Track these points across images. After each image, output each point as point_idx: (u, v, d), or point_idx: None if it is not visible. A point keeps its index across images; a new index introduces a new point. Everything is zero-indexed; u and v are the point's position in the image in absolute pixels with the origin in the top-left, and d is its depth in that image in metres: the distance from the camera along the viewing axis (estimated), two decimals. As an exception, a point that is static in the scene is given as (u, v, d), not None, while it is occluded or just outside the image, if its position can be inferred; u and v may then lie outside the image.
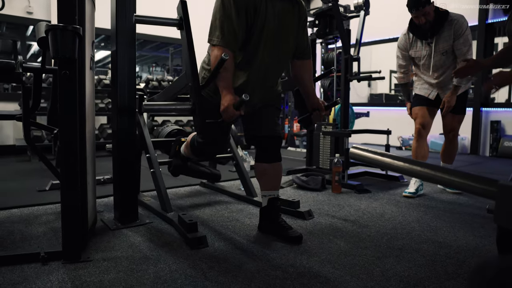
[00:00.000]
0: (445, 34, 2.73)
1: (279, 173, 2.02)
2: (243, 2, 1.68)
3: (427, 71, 2.89)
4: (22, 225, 2.05)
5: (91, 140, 1.88)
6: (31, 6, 5.06)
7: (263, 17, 1.73)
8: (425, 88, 2.94)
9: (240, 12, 1.69)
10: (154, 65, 10.43)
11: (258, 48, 1.78)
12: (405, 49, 2.95)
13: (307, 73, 2.03)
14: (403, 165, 1.05)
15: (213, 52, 1.71)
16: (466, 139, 5.77)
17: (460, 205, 2.66)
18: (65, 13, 1.48)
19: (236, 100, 1.66)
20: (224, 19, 1.68)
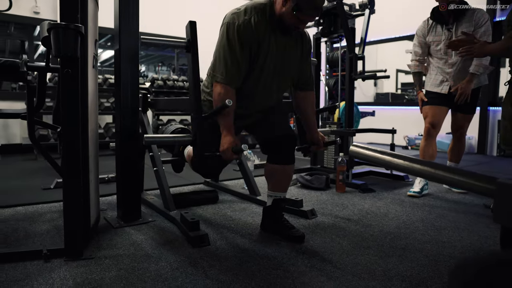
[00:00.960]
0: (466, 21, 2.73)
1: (289, 175, 1.99)
2: (247, 38, 1.71)
3: (442, 58, 2.85)
4: (26, 223, 2.07)
5: (94, 138, 1.89)
6: (38, 6, 5.11)
7: (265, 52, 1.76)
8: (438, 80, 2.89)
9: (244, 48, 1.71)
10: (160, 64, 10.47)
11: (259, 79, 1.81)
12: (422, 36, 2.92)
13: (309, 105, 2.03)
14: (402, 163, 1.05)
15: (216, 89, 1.74)
16: (473, 138, 5.71)
17: (465, 205, 2.63)
18: (67, 12, 1.49)
19: (236, 142, 1.70)
20: (229, 55, 1.71)
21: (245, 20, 1.71)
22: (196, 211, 2.38)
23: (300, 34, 1.89)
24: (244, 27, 1.70)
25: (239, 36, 1.69)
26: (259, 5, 1.77)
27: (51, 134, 4.57)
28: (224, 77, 1.71)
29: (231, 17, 1.73)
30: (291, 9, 1.68)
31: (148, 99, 2.47)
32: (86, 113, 1.69)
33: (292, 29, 1.79)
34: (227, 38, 1.71)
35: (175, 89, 5.24)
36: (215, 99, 1.75)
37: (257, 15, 1.73)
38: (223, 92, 1.71)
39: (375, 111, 4.97)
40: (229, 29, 1.71)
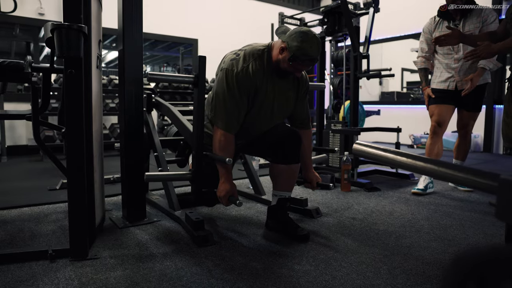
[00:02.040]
0: (473, 18, 2.73)
1: (294, 175, 1.99)
2: (246, 85, 1.78)
3: (449, 54, 2.84)
4: (32, 223, 2.08)
5: (98, 139, 1.90)
6: (43, 8, 5.14)
7: (262, 96, 1.83)
8: (444, 77, 2.87)
9: (243, 94, 1.78)
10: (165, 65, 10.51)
11: (256, 120, 1.89)
12: (429, 32, 2.92)
13: (306, 144, 2.06)
14: (405, 160, 1.04)
15: (217, 135, 1.82)
16: (479, 136, 5.66)
17: (471, 203, 2.61)
18: (70, 12, 1.50)
19: (233, 191, 1.78)
20: (228, 101, 1.78)
21: (244, 67, 1.78)
22: (200, 211, 2.38)
23: (297, 77, 1.93)
24: (242, 74, 1.77)
25: (238, 84, 1.76)
26: (257, 51, 1.83)
27: (57, 135, 4.60)
28: (224, 124, 1.79)
29: (230, 63, 1.80)
30: (288, 59, 1.75)
31: (153, 100, 2.48)
32: (90, 113, 1.69)
33: (288, 75, 1.85)
34: (226, 85, 1.77)
35: (180, 89, 5.25)
36: (215, 144, 1.82)
37: (255, 62, 1.80)
38: (224, 140, 1.79)
39: (380, 110, 4.95)
40: (228, 76, 1.77)
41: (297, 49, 1.71)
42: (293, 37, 1.73)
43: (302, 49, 1.71)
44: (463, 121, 2.93)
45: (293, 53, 1.72)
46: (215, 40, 6.52)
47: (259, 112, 1.86)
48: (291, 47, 1.72)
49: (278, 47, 1.79)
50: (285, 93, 1.90)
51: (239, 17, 6.95)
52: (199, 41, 6.63)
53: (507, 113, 2.26)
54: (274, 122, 1.96)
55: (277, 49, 1.80)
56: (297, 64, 1.76)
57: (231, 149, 1.81)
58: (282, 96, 1.89)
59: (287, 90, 1.91)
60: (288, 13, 5.49)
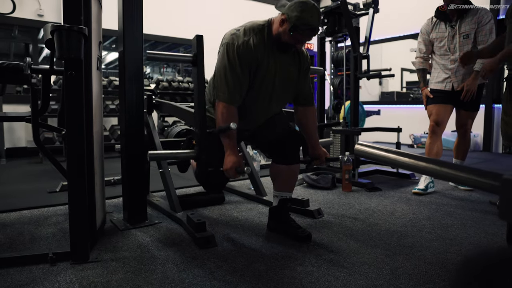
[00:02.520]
0: (469, 19, 2.75)
1: (295, 175, 1.99)
2: (247, 59, 1.75)
3: (445, 55, 2.86)
4: (32, 226, 2.07)
5: (99, 140, 1.89)
6: (42, 9, 5.13)
7: (264, 71, 1.80)
8: (441, 77, 2.90)
9: (244, 68, 1.75)
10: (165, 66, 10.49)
11: (258, 97, 1.85)
12: (426, 33, 2.95)
13: (310, 121, 2.04)
14: (407, 161, 1.03)
15: (219, 108, 1.77)
16: (478, 136, 5.66)
17: (471, 202, 2.60)
18: (70, 14, 1.49)
19: (240, 162, 1.73)
20: (230, 75, 1.74)
21: (245, 41, 1.75)
22: (202, 212, 2.37)
23: (298, 52, 1.92)
24: (243, 48, 1.74)
25: (239, 57, 1.74)
26: (257, 26, 1.81)
27: (56, 137, 4.59)
28: (226, 96, 1.75)
29: (230, 38, 1.77)
30: (288, 30, 1.72)
31: (153, 101, 2.47)
32: (91, 115, 1.69)
33: (289, 48, 1.82)
34: (227, 59, 1.75)
35: (180, 90, 5.25)
36: (218, 118, 1.78)
37: (255, 36, 1.78)
38: (226, 112, 1.75)
39: (380, 110, 4.95)
40: (229, 50, 1.75)
41: (297, 19, 1.68)
42: (292, 8, 1.71)
43: (302, 19, 1.68)
44: (462, 121, 2.94)
45: (293, 24, 1.69)
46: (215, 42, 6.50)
47: (260, 87, 1.82)
48: (291, 18, 1.70)
49: (278, 20, 1.77)
50: (287, 68, 1.86)
51: (239, 18, 6.89)
52: (198, 42, 6.62)
53: (505, 112, 2.26)
54: (277, 104, 1.92)
55: (277, 23, 1.78)
56: (298, 35, 1.73)
57: (234, 121, 1.73)
58: (284, 71, 1.86)
59: (289, 65, 1.88)
60: (287, 13, 5.47)
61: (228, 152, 1.75)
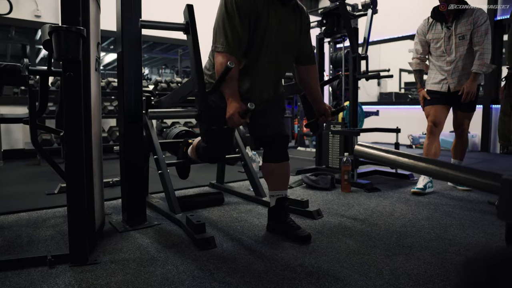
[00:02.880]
0: (465, 20, 2.76)
1: (287, 173, 2.00)
2: (246, 9, 1.69)
3: (442, 56, 2.87)
4: (30, 229, 2.06)
5: (97, 142, 1.89)
6: (39, 10, 5.11)
7: (265, 23, 1.73)
8: (437, 79, 2.91)
9: (243, 19, 1.69)
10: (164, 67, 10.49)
11: (260, 53, 1.77)
12: (423, 34, 2.96)
13: (312, 79, 2.02)
14: (407, 161, 1.02)
15: (218, 59, 1.71)
16: (476, 136, 5.68)
17: (470, 202, 2.61)
18: (68, 14, 1.49)
19: (242, 107, 1.66)
20: (228, 25, 1.68)
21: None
22: (201, 214, 2.37)
23: (299, 9, 1.88)
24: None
25: (238, 7, 1.67)
26: None
27: (54, 139, 4.57)
28: (225, 46, 1.68)
29: None
30: None
31: (152, 102, 2.47)
32: (89, 116, 1.68)
33: (289, 1, 1.78)
34: (225, 10, 1.69)
35: (178, 91, 5.24)
36: (217, 69, 1.71)
37: None
38: (225, 61, 1.65)
39: (379, 111, 4.96)
40: (226, 1, 1.69)
41: None
42: None
43: None
44: (458, 121, 2.96)
45: None
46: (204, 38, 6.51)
47: (262, 40, 1.75)
48: None
49: None
50: (288, 21, 1.82)
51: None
52: (197, 43, 6.63)
53: (504, 112, 2.27)
54: (280, 61, 1.85)
55: None
56: None
57: (234, 71, 1.67)
58: (285, 26, 1.81)
59: (290, 21, 1.83)
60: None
61: (230, 100, 1.68)
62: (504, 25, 5.51)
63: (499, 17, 5.43)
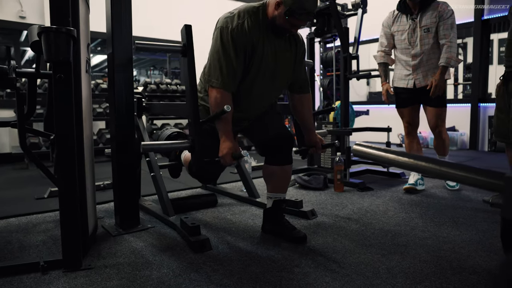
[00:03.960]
0: (430, 12, 2.73)
1: (288, 176, 1.98)
2: (242, 42, 1.70)
3: (406, 49, 2.83)
4: (20, 234, 2.01)
5: (89, 145, 1.85)
6: (24, 11, 5.02)
7: (260, 55, 1.75)
8: (403, 74, 2.89)
9: (238, 51, 1.70)
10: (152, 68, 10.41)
11: (255, 80, 1.79)
12: (388, 26, 2.93)
13: (306, 108, 2.02)
14: (407, 160, 1.03)
15: (212, 93, 1.72)
16: (465, 134, 5.76)
17: (462, 200, 2.64)
18: (58, 15, 1.45)
19: (235, 147, 1.69)
20: (223, 59, 1.69)
21: (239, 24, 1.70)
22: (195, 216, 2.34)
23: (294, 37, 1.88)
24: (238, 31, 1.69)
25: (233, 40, 1.68)
26: (251, 8, 1.76)
27: (42, 142, 4.49)
28: (219, 82, 1.70)
29: (224, 21, 1.72)
30: (284, 14, 1.68)
31: (143, 104, 2.44)
32: (81, 119, 1.65)
33: (285, 32, 1.78)
34: (221, 43, 1.69)
35: (169, 92, 5.20)
36: (211, 104, 1.73)
37: (250, 19, 1.72)
38: (219, 97, 1.69)
39: (369, 110, 4.99)
40: (222, 33, 1.70)
41: (293, 2, 1.65)
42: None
43: (298, 2, 1.65)
44: (432, 120, 2.87)
45: (289, 7, 1.65)
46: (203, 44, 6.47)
47: (257, 71, 1.77)
48: (286, 1, 1.66)
49: (274, 3, 1.72)
50: (282, 53, 1.83)
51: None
52: (186, 44, 6.58)
53: (500, 109, 2.29)
54: (274, 87, 1.87)
55: (272, 5, 1.73)
56: (293, 19, 1.69)
57: (229, 113, 1.68)
58: (280, 55, 1.82)
59: (285, 50, 1.84)
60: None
61: (223, 138, 1.71)
62: (491, 25, 5.61)
63: (485, 16, 5.51)
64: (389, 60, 3.03)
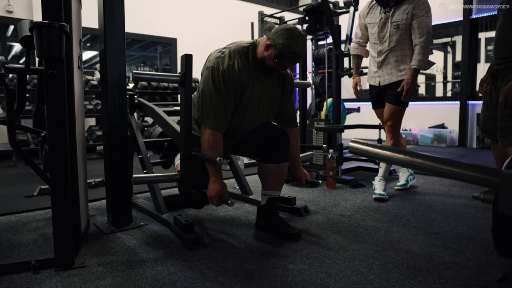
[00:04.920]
0: (404, 8, 2.54)
1: (284, 173, 1.99)
2: (232, 83, 1.76)
3: (375, 44, 2.68)
4: (10, 233, 1.98)
5: (81, 142, 1.83)
6: (11, 5, 4.92)
7: (249, 94, 1.82)
8: (372, 71, 2.75)
9: (229, 91, 1.76)
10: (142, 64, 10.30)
11: (245, 114, 1.86)
12: (363, 17, 2.76)
13: (293, 142, 2.04)
14: (403, 157, 1.04)
15: (205, 134, 1.79)
16: (454, 131, 5.84)
17: (452, 197, 2.68)
18: (50, 10, 1.42)
19: (223, 190, 1.75)
20: (216, 101, 1.75)
21: (230, 65, 1.75)
22: (188, 213, 2.33)
23: (282, 75, 1.94)
24: (228, 72, 1.75)
25: (225, 81, 1.74)
26: (242, 48, 1.81)
27: (31, 139, 4.42)
28: (212, 124, 1.76)
29: (215, 61, 1.77)
30: (273, 57, 1.74)
31: (135, 101, 2.41)
32: (73, 116, 1.62)
33: (274, 72, 1.84)
34: (213, 83, 1.75)
35: (160, 89, 5.15)
36: (204, 144, 1.79)
37: (240, 60, 1.78)
38: (212, 139, 1.76)
39: (360, 107, 5.03)
40: (214, 74, 1.75)
41: (283, 46, 1.70)
42: (278, 34, 1.72)
43: (287, 47, 1.70)
44: (386, 115, 2.71)
45: (279, 51, 1.71)
46: (194, 40, 6.45)
47: (245, 110, 1.84)
48: (276, 45, 1.71)
49: (264, 44, 1.77)
50: (271, 90, 1.89)
51: (218, 16, 6.89)
52: (178, 40, 6.53)
53: (486, 106, 2.33)
54: (261, 121, 1.95)
55: (262, 46, 1.79)
56: (283, 62, 1.75)
57: (220, 148, 1.79)
58: (268, 93, 1.88)
59: (273, 87, 1.90)
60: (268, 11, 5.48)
61: (212, 179, 1.78)
62: (479, 24, 5.69)
63: (474, 15, 5.59)
64: (363, 52, 2.88)
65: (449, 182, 3.13)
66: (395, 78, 2.62)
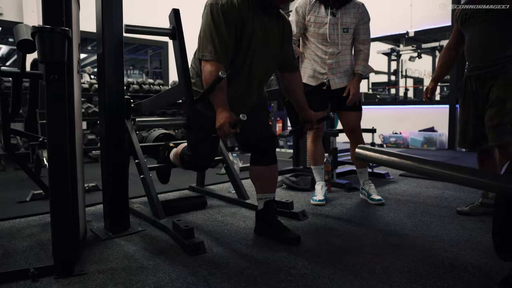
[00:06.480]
0: (350, 11, 2.50)
1: (275, 175, 2.00)
2: (232, 17, 1.70)
3: (324, 45, 2.53)
4: (4, 240, 1.93)
5: (80, 146, 1.81)
6: (1, 7, 4.84)
7: (250, 32, 1.75)
8: (316, 71, 2.57)
9: (229, 27, 1.70)
10: (132, 68, 10.23)
11: (245, 60, 1.79)
12: (302, 14, 2.55)
13: (297, 86, 2.04)
14: (411, 164, 1.06)
15: (206, 67, 1.70)
16: (443, 135, 5.94)
17: (445, 200, 2.72)
18: (51, 14, 1.41)
19: (232, 117, 1.65)
20: (215, 33, 1.68)
21: (228, 1, 1.70)
22: (186, 218, 2.32)
23: (280, 16, 1.91)
24: (227, 6, 1.69)
25: (224, 15, 1.68)
26: None
27: (22, 143, 4.34)
28: (212, 55, 1.68)
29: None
30: None
31: (131, 105, 2.39)
32: (73, 120, 1.60)
33: (273, 7, 1.80)
34: (211, 18, 1.69)
35: (152, 93, 5.12)
36: (205, 78, 1.70)
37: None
38: (214, 69, 1.66)
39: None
40: (213, 9, 1.69)
41: None
42: None
43: None
44: (351, 123, 2.66)
45: None
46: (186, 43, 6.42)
47: (248, 49, 1.76)
48: None
49: None
50: (271, 30, 1.84)
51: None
52: (169, 43, 6.51)
53: (469, 114, 2.37)
54: (266, 65, 1.87)
55: None
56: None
57: (224, 81, 1.67)
58: (269, 33, 1.83)
59: (273, 28, 1.85)
60: None
61: (219, 109, 1.68)
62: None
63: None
64: (297, 50, 2.68)
65: (441, 185, 3.18)
66: (345, 83, 2.57)
